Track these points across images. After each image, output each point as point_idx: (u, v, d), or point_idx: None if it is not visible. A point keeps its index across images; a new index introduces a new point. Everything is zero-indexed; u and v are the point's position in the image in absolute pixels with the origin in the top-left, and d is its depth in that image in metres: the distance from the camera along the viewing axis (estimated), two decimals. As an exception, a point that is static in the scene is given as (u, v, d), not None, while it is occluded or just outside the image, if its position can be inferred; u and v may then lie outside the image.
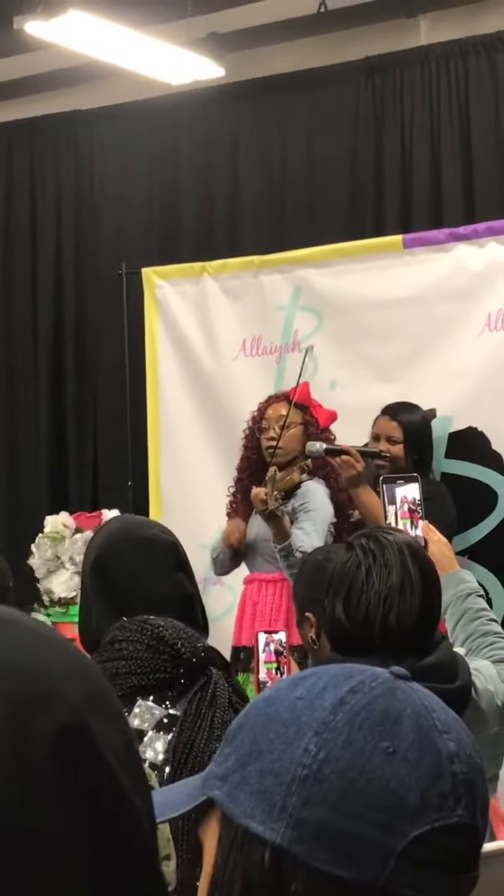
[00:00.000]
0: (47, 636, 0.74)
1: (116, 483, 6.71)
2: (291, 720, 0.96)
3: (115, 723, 0.73)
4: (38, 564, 5.81)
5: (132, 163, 7.16)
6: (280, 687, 1.01)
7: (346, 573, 2.42)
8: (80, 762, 0.69)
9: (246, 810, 0.94)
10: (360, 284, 5.44)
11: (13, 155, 7.58)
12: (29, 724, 0.67)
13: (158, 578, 2.50)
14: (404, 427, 4.90)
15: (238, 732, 0.99)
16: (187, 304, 5.95)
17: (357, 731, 0.94)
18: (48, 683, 0.70)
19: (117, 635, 2.15)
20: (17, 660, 0.71)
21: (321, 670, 1.00)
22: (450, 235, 5.29)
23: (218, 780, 0.98)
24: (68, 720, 0.69)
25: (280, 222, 6.70)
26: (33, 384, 7.44)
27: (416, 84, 6.33)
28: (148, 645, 2.08)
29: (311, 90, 6.61)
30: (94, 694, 0.73)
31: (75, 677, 0.72)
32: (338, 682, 0.97)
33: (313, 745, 0.94)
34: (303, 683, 0.99)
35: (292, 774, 0.93)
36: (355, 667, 1.00)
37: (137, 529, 2.66)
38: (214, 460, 5.75)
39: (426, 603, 2.39)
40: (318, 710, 0.96)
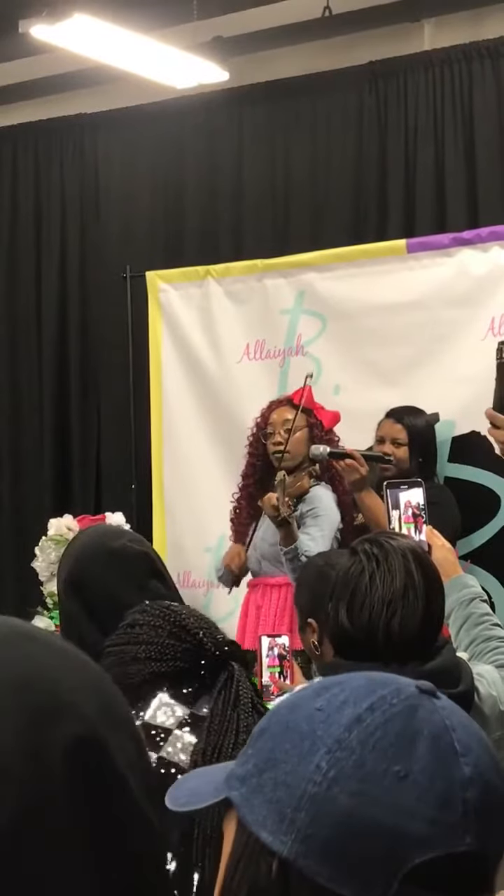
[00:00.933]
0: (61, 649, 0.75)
1: (120, 486, 6.73)
2: (308, 733, 0.96)
3: (128, 733, 0.74)
4: (42, 567, 5.80)
5: (137, 166, 7.17)
6: (304, 694, 1.00)
7: (349, 578, 2.42)
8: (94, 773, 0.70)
9: (258, 818, 0.95)
10: (364, 289, 5.45)
11: (18, 158, 7.59)
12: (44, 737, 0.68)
13: (132, 589, 2.45)
14: (409, 430, 4.91)
15: (260, 736, 0.99)
16: (191, 307, 5.96)
17: (370, 751, 0.93)
18: (62, 696, 0.71)
19: (137, 619, 2.10)
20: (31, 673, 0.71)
21: (346, 680, 0.99)
22: (454, 240, 5.30)
23: (237, 781, 0.98)
24: (82, 732, 0.70)
25: (284, 226, 6.71)
26: (37, 387, 7.45)
27: (419, 89, 6.33)
28: (170, 632, 2.03)
29: (315, 94, 6.62)
30: (108, 705, 0.73)
31: (89, 689, 0.73)
32: (359, 697, 0.96)
33: (325, 762, 0.93)
34: (325, 693, 0.98)
35: (303, 790, 0.93)
36: (380, 679, 0.99)
37: (106, 541, 2.59)
38: (218, 463, 5.76)
39: (429, 608, 2.40)
40: (334, 725, 0.95)
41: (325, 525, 4.71)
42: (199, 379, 5.91)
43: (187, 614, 2.07)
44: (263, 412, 5.07)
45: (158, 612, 2.07)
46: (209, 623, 2.08)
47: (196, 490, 5.86)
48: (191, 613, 2.09)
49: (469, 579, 3.19)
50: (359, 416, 5.06)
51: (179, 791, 1.08)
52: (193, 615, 2.08)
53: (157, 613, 2.07)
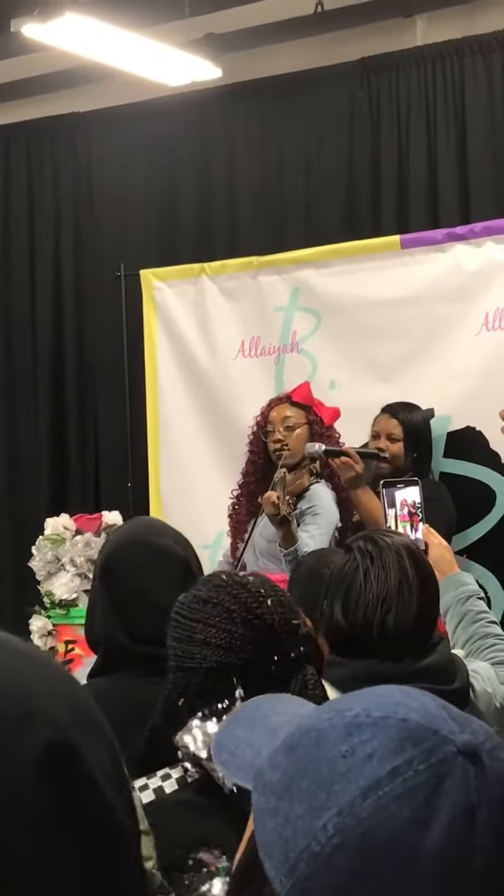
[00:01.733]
0: (32, 656, 0.75)
1: (117, 484, 6.73)
2: (326, 781, 0.91)
3: (101, 738, 0.74)
4: (39, 566, 5.81)
5: (130, 164, 7.16)
6: (336, 725, 0.94)
7: (344, 576, 2.43)
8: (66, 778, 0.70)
9: (266, 845, 0.93)
10: (359, 285, 5.45)
11: (11, 157, 7.58)
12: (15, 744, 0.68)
13: (164, 589, 2.49)
14: (404, 425, 4.92)
15: (290, 751, 0.95)
16: (186, 305, 5.96)
17: (379, 827, 0.88)
18: (33, 703, 0.71)
19: (211, 596, 1.98)
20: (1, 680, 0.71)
21: (381, 722, 0.92)
22: (447, 235, 5.30)
23: (261, 784, 0.96)
24: (54, 738, 0.69)
25: (278, 223, 6.71)
26: (33, 386, 7.45)
27: (412, 84, 6.33)
28: (244, 619, 1.93)
29: (308, 91, 6.62)
30: (79, 711, 0.73)
31: (60, 695, 0.73)
32: (386, 753, 0.90)
33: (332, 825, 0.89)
34: (357, 735, 0.92)
35: (307, 844, 0.90)
36: (416, 731, 0.91)
37: (150, 537, 2.62)
38: (214, 461, 5.77)
39: (424, 605, 2.40)
40: (352, 783, 0.90)
41: (324, 523, 4.71)
42: (195, 376, 5.91)
43: (264, 596, 1.96)
44: (263, 410, 5.07)
45: (234, 594, 1.96)
46: (285, 605, 1.98)
47: (192, 487, 5.87)
48: (268, 594, 1.97)
49: (466, 577, 3.20)
50: (354, 411, 5.07)
51: (228, 737, 1.05)
52: (270, 596, 1.97)
53: (232, 594, 1.96)
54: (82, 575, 5.49)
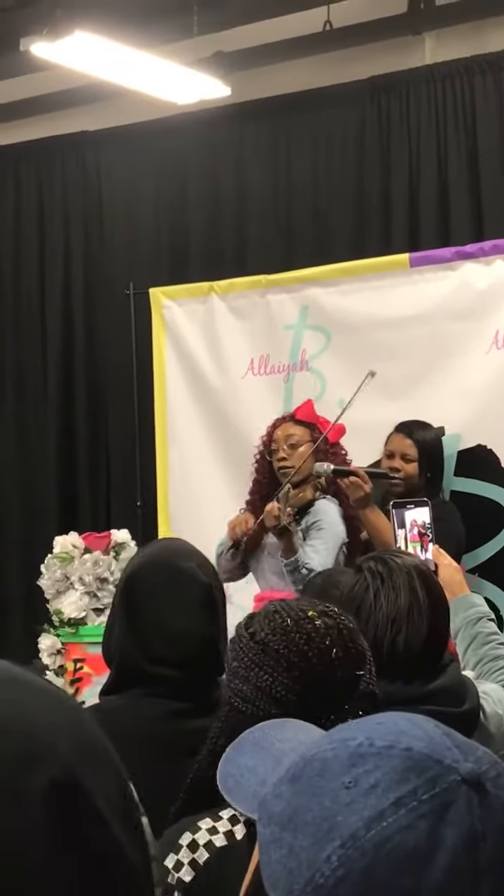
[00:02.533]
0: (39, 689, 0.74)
1: (126, 503, 6.72)
2: (330, 813, 0.90)
3: (108, 770, 0.73)
4: (48, 585, 5.79)
5: (139, 183, 7.17)
6: (339, 755, 0.93)
7: (354, 596, 2.42)
8: (72, 815, 0.68)
9: (270, 876, 0.92)
10: (368, 303, 5.44)
11: (21, 176, 7.60)
12: (20, 782, 0.67)
13: (180, 613, 2.49)
14: (419, 445, 4.89)
15: (294, 781, 0.95)
16: (195, 323, 5.96)
17: (383, 858, 0.87)
18: (38, 740, 0.70)
19: (271, 641, 1.82)
20: (6, 716, 0.70)
21: (384, 751, 0.92)
22: (456, 254, 5.30)
23: (265, 815, 0.95)
24: (59, 776, 0.68)
25: (287, 241, 6.71)
26: (43, 404, 7.45)
27: (421, 103, 6.34)
28: (304, 675, 1.79)
29: (317, 109, 6.63)
30: (86, 744, 0.72)
31: (66, 730, 0.72)
32: (390, 783, 0.89)
33: (335, 857, 0.88)
34: (360, 765, 0.91)
35: (311, 875, 0.89)
36: (420, 761, 0.91)
37: (175, 559, 2.59)
38: (223, 480, 5.75)
39: (434, 626, 2.38)
40: (355, 814, 0.89)
41: (329, 538, 4.69)
42: (204, 395, 5.90)
43: (329, 647, 1.80)
44: (268, 429, 5.05)
45: (299, 646, 1.81)
46: (352, 654, 1.82)
47: (201, 506, 5.85)
48: (335, 642, 1.81)
49: (476, 598, 3.18)
50: (364, 430, 5.04)
51: (234, 766, 1.05)
52: (337, 644, 1.81)
53: (297, 645, 1.81)
54: (91, 593, 5.48)
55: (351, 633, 1.85)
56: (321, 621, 1.84)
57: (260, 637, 1.84)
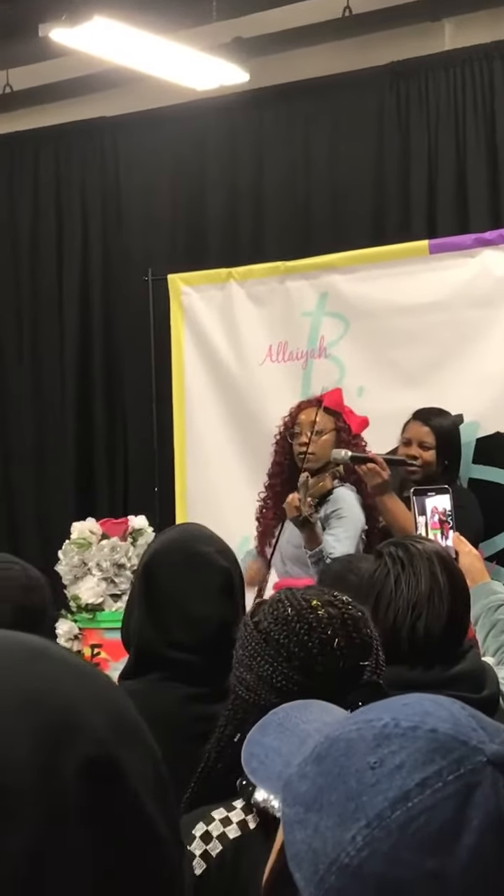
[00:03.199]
0: (77, 667, 0.74)
1: (143, 489, 6.72)
2: (355, 793, 0.90)
3: (143, 750, 0.73)
4: (65, 571, 5.81)
5: (158, 169, 7.16)
6: (365, 736, 0.93)
7: (374, 581, 2.42)
8: (106, 794, 0.68)
9: (295, 857, 0.92)
10: (387, 290, 5.43)
11: (40, 162, 7.60)
12: (55, 759, 0.67)
13: (200, 597, 2.50)
14: (437, 432, 4.87)
15: (319, 762, 0.95)
16: (213, 310, 5.95)
17: (408, 839, 0.87)
18: (74, 717, 0.69)
19: (273, 631, 1.83)
20: (42, 693, 0.70)
21: (409, 732, 0.91)
22: (476, 241, 5.28)
23: (290, 795, 0.95)
24: (94, 753, 0.68)
25: (306, 228, 6.69)
26: (60, 390, 7.46)
27: (440, 89, 6.31)
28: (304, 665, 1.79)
29: (336, 95, 6.61)
30: (122, 723, 0.72)
31: (102, 708, 0.71)
32: (415, 764, 0.89)
33: (361, 837, 0.88)
34: (385, 746, 0.91)
35: (336, 856, 0.89)
36: (445, 742, 0.90)
37: (195, 544, 2.60)
38: (240, 466, 5.75)
39: (454, 611, 2.38)
40: (380, 794, 0.89)
41: (350, 526, 4.69)
42: (222, 381, 5.90)
43: (331, 637, 1.80)
44: (292, 412, 5.04)
45: (300, 636, 1.81)
46: (356, 644, 1.82)
47: (218, 492, 5.85)
48: (337, 632, 1.81)
49: (497, 586, 3.17)
50: (382, 417, 5.03)
51: (258, 746, 1.05)
52: (340, 634, 1.81)
53: (298, 636, 1.81)
54: (108, 579, 5.49)
55: (356, 622, 1.84)
56: (324, 611, 1.83)
57: (263, 626, 1.85)
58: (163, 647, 2.47)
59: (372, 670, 1.83)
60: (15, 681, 0.71)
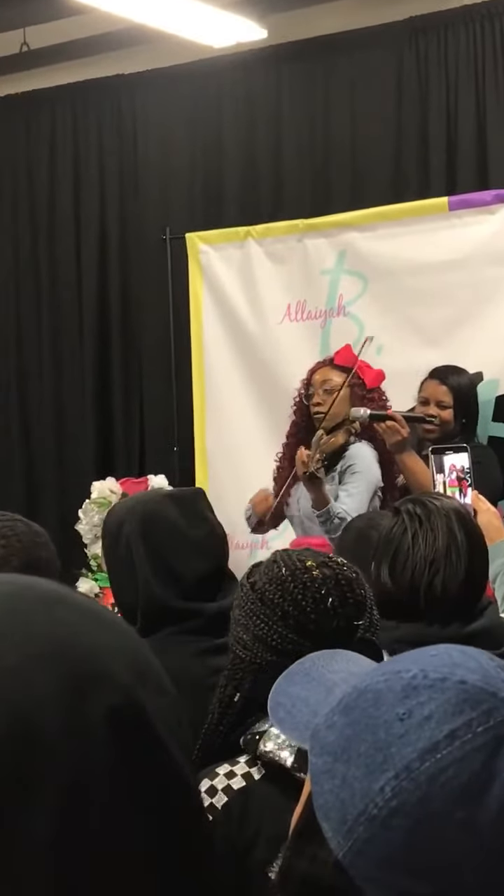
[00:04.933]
0: (96, 613, 0.74)
1: (163, 448, 6.73)
2: (384, 744, 0.90)
3: (164, 697, 0.73)
4: (86, 530, 5.83)
5: (175, 127, 7.13)
6: (393, 687, 0.93)
7: (392, 538, 2.42)
8: (133, 740, 0.69)
9: (323, 807, 0.93)
10: (406, 248, 5.40)
11: (56, 120, 7.56)
12: (82, 706, 0.67)
13: (203, 548, 2.54)
14: (454, 391, 4.86)
15: (347, 712, 0.95)
16: (231, 268, 5.93)
17: (438, 789, 0.87)
18: (98, 664, 0.70)
19: (268, 591, 1.88)
20: (66, 640, 0.70)
21: (439, 683, 0.92)
22: (496, 197, 5.24)
23: (318, 746, 0.96)
24: (119, 700, 0.69)
25: (324, 185, 6.65)
26: (79, 351, 7.46)
27: (460, 44, 6.25)
28: (299, 624, 1.84)
29: (354, 51, 6.55)
30: (143, 670, 0.72)
31: (124, 655, 0.72)
32: (444, 715, 0.90)
33: (389, 788, 0.88)
34: (414, 697, 0.92)
35: (364, 806, 0.89)
36: (474, 693, 0.90)
37: (160, 492, 2.71)
38: (260, 425, 5.75)
39: (472, 568, 2.38)
40: (409, 745, 0.89)
41: (363, 481, 4.67)
42: (241, 340, 5.89)
43: (325, 597, 1.84)
44: (308, 372, 5.04)
45: (293, 595, 1.86)
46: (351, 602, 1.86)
47: (238, 452, 5.85)
48: (330, 591, 1.85)
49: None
50: (401, 376, 5.02)
51: (285, 695, 1.06)
52: (333, 594, 1.85)
53: (292, 595, 1.86)
54: (128, 538, 5.50)
55: (350, 582, 1.88)
56: (318, 571, 1.88)
57: (258, 587, 1.90)
58: (172, 601, 2.47)
59: (365, 629, 1.87)
60: (36, 626, 0.71)
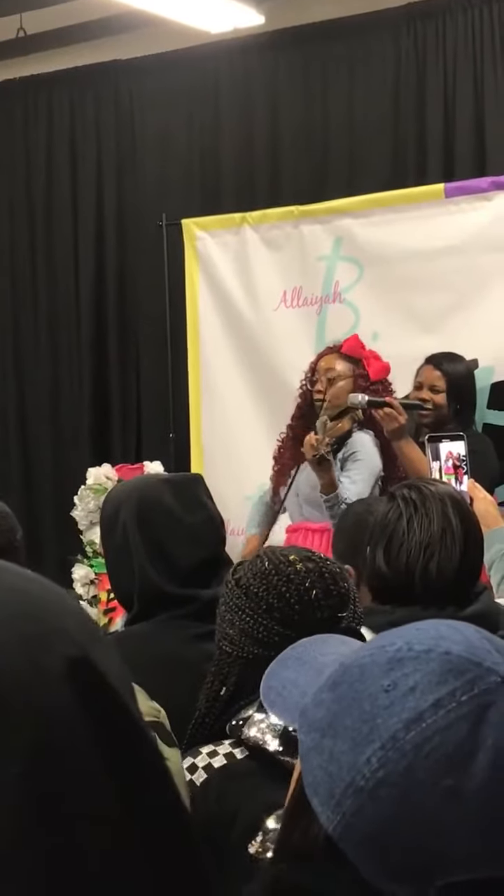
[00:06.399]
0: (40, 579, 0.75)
1: (159, 435, 6.73)
2: (369, 716, 0.91)
3: (109, 651, 0.75)
4: (81, 516, 5.84)
5: (172, 113, 7.11)
6: (378, 660, 0.94)
7: (387, 523, 2.42)
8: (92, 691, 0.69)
9: (311, 784, 0.93)
10: (402, 234, 5.40)
11: (53, 105, 7.55)
12: (42, 661, 0.68)
13: (199, 533, 2.53)
14: (447, 377, 4.86)
15: (333, 688, 0.96)
16: (228, 254, 5.93)
17: (423, 759, 0.88)
18: (51, 620, 0.71)
19: (252, 585, 1.92)
20: (17, 600, 0.71)
21: (423, 655, 0.92)
22: (492, 184, 5.24)
23: (306, 723, 0.96)
24: (75, 653, 0.69)
25: (321, 172, 6.64)
26: (76, 337, 7.45)
27: (458, 30, 6.24)
28: (284, 616, 1.88)
29: (352, 37, 6.53)
30: (86, 626, 0.74)
31: (69, 612, 0.73)
32: (429, 685, 0.90)
33: (376, 759, 0.89)
34: (399, 669, 0.92)
35: (352, 779, 0.90)
36: (458, 663, 0.91)
37: (157, 477, 2.73)
38: (256, 411, 5.75)
39: (467, 553, 2.38)
40: (394, 716, 0.90)
41: (365, 469, 4.69)
42: (236, 327, 5.89)
43: (309, 589, 1.88)
44: (315, 358, 5.04)
45: (277, 588, 1.90)
46: (334, 594, 1.89)
47: (234, 438, 5.86)
48: (315, 584, 1.89)
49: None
50: (397, 362, 5.01)
51: (276, 679, 1.07)
52: (318, 586, 1.89)
53: (275, 587, 1.90)
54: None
55: (334, 576, 1.92)
56: (302, 565, 1.92)
57: (243, 582, 1.93)
58: (167, 587, 2.47)
59: (349, 620, 1.90)
60: None
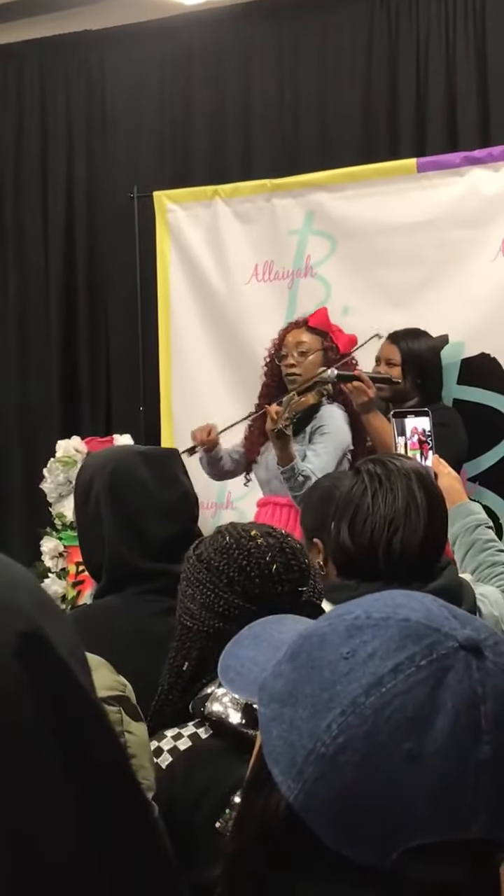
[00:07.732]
0: None
1: (128, 408, 6.71)
2: (329, 683, 0.92)
3: (63, 625, 0.74)
4: (50, 489, 5.83)
5: (143, 85, 7.06)
6: (337, 629, 0.95)
7: (351, 498, 2.42)
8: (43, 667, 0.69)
9: (272, 753, 0.94)
10: (374, 208, 5.39)
11: (24, 76, 7.48)
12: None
13: (168, 487, 2.54)
14: (403, 351, 4.90)
15: (293, 659, 0.96)
16: (199, 228, 5.91)
17: (383, 723, 0.89)
18: (2, 596, 0.70)
19: (213, 559, 1.95)
20: None
21: (381, 623, 0.93)
22: (465, 159, 5.24)
23: (266, 695, 0.97)
24: (25, 628, 0.69)
25: (293, 145, 6.61)
26: (45, 310, 7.41)
27: (431, 4, 6.21)
28: (245, 589, 1.91)
29: (324, 10, 6.50)
30: (40, 600, 0.73)
31: (21, 586, 0.73)
32: (388, 651, 0.91)
33: (336, 725, 0.90)
34: (357, 636, 0.93)
35: (313, 746, 0.90)
36: (417, 629, 0.92)
37: (133, 449, 2.72)
38: (226, 385, 5.74)
39: (431, 528, 2.39)
40: (354, 682, 0.90)
41: (330, 442, 4.70)
42: (208, 300, 5.87)
43: (270, 563, 1.92)
44: (280, 333, 5.04)
45: (238, 561, 1.93)
46: (294, 570, 1.93)
47: (204, 411, 5.83)
48: (275, 558, 1.93)
49: (474, 506, 3.18)
50: (368, 337, 5.03)
51: (234, 658, 1.07)
52: (278, 560, 1.93)
53: (236, 561, 1.93)
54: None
55: (294, 551, 1.96)
56: (263, 540, 1.95)
57: (204, 557, 1.96)
58: (138, 561, 2.47)
59: (309, 594, 1.93)
60: None
